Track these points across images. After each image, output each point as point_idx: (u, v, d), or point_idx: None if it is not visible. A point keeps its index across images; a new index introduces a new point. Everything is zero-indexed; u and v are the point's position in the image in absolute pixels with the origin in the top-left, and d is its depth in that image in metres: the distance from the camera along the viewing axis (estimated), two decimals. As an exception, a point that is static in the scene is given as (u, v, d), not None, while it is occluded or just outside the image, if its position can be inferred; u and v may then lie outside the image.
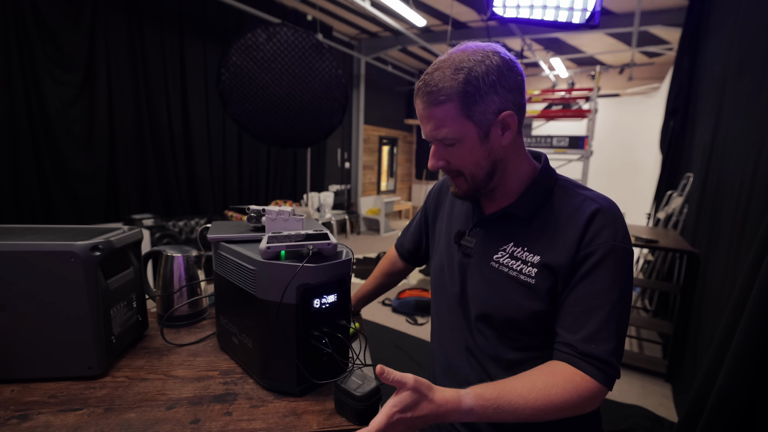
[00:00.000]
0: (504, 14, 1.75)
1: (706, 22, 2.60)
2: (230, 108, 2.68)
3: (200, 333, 0.79)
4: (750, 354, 0.85)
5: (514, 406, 0.46)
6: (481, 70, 0.49)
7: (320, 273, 0.56)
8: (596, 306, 0.49)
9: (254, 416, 0.53)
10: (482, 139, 0.52)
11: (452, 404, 0.46)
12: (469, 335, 0.61)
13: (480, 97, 0.49)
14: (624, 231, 0.51)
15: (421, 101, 0.52)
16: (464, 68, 0.49)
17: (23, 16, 2.50)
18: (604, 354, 0.48)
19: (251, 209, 0.72)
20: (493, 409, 0.46)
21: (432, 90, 0.50)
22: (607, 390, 0.49)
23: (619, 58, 5.56)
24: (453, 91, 0.49)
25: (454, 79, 0.49)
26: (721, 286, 1.46)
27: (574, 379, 0.48)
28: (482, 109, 0.50)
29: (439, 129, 0.51)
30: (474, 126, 0.51)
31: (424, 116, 0.53)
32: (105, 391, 0.58)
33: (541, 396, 0.47)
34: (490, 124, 0.51)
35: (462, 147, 0.52)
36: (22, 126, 2.56)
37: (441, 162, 0.55)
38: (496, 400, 0.46)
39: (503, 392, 0.47)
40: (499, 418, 0.46)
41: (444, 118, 0.50)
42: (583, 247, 0.50)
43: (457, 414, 0.46)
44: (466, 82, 0.48)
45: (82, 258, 0.58)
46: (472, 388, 0.48)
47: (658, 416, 1.72)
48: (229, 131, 3.97)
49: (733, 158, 1.56)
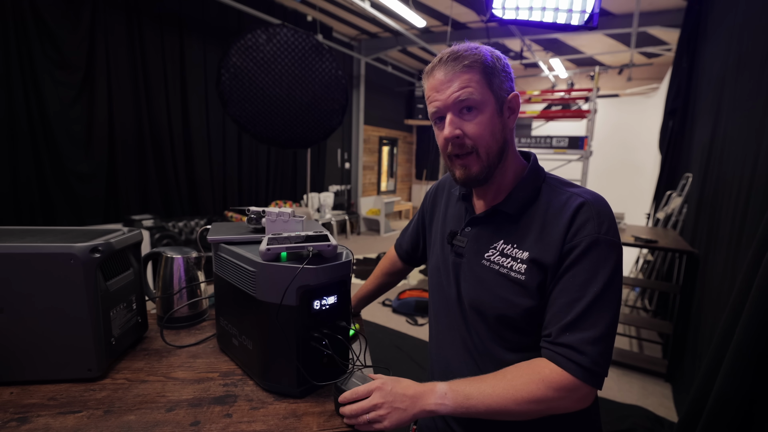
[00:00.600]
0: (503, 16, 1.76)
1: (705, 22, 2.61)
2: (230, 109, 2.68)
3: (200, 334, 0.78)
4: (749, 353, 0.85)
5: (483, 394, 0.49)
6: (493, 53, 0.55)
7: (320, 274, 0.56)
8: (577, 298, 0.49)
9: (254, 418, 0.53)
10: (498, 112, 0.55)
11: (429, 386, 0.51)
12: (467, 336, 0.61)
13: (497, 73, 0.54)
14: (609, 223, 0.51)
15: (443, 68, 0.54)
16: (480, 49, 0.54)
17: (23, 16, 2.50)
18: (578, 343, 0.47)
19: (251, 210, 0.72)
20: (464, 395, 0.49)
21: (458, 57, 0.53)
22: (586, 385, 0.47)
23: (618, 59, 5.57)
24: (478, 60, 0.53)
25: (475, 53, 0.54)
26: (721, 286, 1.46)
27: (542, 370, 0.48)
28: (499, 84, 0.55)
29: (463, 89, 0.52)
30: (493, 97, 0.54)
31: (445, 81, 0.53)
32: (104, 393, 0.58)
33: (509, 386, 0.48)
34: (503, 101, 0.55)
35: (482, 115, 0.54)
36: (21, 127, 2.56)
37: (458, 130, 0.54)
38: (467, 384, 0.50)
39: (475, 380, 0.50)
40: (471, 407, 0.48)
41: (470, 79, 0.53)
42: (567, 240, 0.51)
43: (433, 395, 0.50)
44: (488, 57, 0.54)
45: (81, 260, 0.58)
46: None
47: (658, 416, 1.72)
48: (229, 132, 3.97)
49: (731, 158, 1.56)
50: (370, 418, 0.49)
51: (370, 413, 0.49)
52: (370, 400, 0.50)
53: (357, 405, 0.50)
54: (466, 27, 4.83)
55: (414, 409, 0.49)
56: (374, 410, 0.49)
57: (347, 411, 0.51)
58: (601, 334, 0.48)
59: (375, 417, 0.49)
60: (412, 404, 0.49)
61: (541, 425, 0.55)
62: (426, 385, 0.51)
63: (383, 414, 0.49)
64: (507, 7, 1.74)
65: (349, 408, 0.50)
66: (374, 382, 0.51)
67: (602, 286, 0.49)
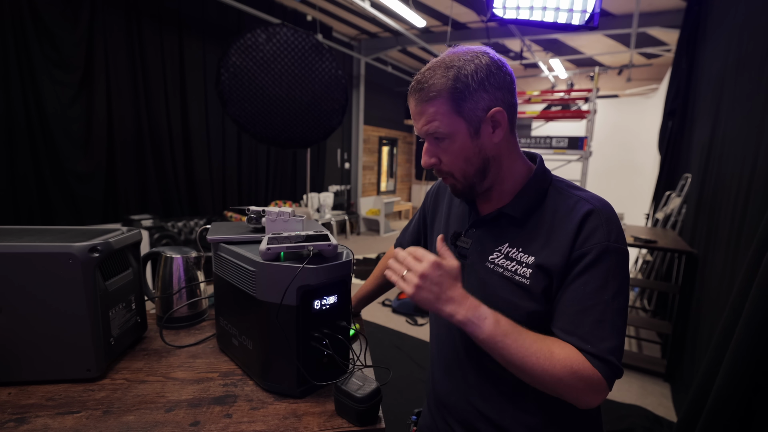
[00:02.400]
0: (504, 15, 1.76)
1: (704, 23, 2.61)
2: (230, 108, 2.67)
3: (200, 334, 0.78)
4: (749, 353, 0.85)
5: (520, 343, 0.47)
6: (470, 68, 0.51)
7: (320, 274, 0.56)
8: (590, 306, 0.49)
9: (254, 418, 0.53)
10: (473, 135, 0.53)
11: (474, 301, 0.50)
12: (468, 338, 0.61)
13: (469, 94, 0.51)
14: (618, 231, 0.52)
15: (413, 99, 0.54)
16: (454, 66, 0.51)
17: (21, 15, 2.49)
18: (602, 353, 0.48)
19: (251, 210, 0.72)
20: (503, 331, 0.48)
21: (423, 87, 0.52)
22: (607, 387, 0.48)
23: (617, 59, 5.58)
24: (443, 88, 0.51)
25: (444, 76, 0.51)
26: (720, 286, 1.46)
27: (579, 357, 0.48)
28: (471, 106, 0.52)
29: (430, 123, 0.53)
30: (464, 122, 0.53)
31: (416, 113, 0.54)
32: (103, 394, 0.58)
33: (547, 352, 0.47)
34: (480, 121, 0.53)
35: (453, 143, 0.54)
36: (19, 126, 2.55)
37: (433, 159, 0.56)
38: (508, 324, 0.48)
39: (518, 327, 0.49)
40: (502, 345, 0.47)
41: (435, 113, 0.52)
42: (576, 247, 0.51)
43: (469, 310, 0.48)
44: (455, 79, 0.51)
45: (80, 259, 0.58)
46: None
47: (658, 416, 1.72)
48: (228, 131, 3.96)
49: (730, 159, 1.57)
50: (407, 278, 0.49)
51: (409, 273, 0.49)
52: (421, 266, 0.49)
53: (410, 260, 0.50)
54: (466, 27, 4.83)
55: (443, 305, 0.49)
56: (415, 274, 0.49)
57: (400, 255, 0.51)
58: (618, 342, 0.49)
59: (410, 279, 0.49)
60: (445, 300, 0.49)
61: (546, 425, 0.55)
62: (471, 298, 0.50)
63: (417, 284, 0.48)
64: (508, 6, 1.73)
65: (402, 254, 0.51)
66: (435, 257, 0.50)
67: (614, 294, 0.49)
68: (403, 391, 1.76)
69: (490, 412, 0.58)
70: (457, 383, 0.62)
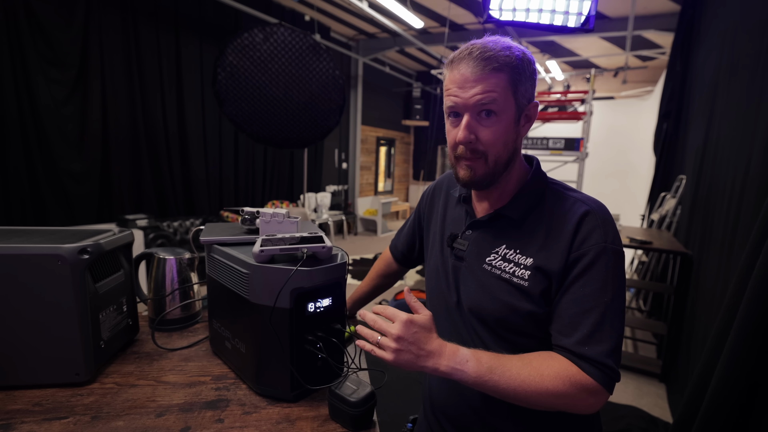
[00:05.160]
0: (500, 17, 1.76)
1: (698, 26, 2.64)
2: (226, 108, 2.66)
3: (193, 337, 0.77)
4: (744, 355, 0.85)
5: (507, 373, 0.47)
6: (525, 57, 0.52)
7: (314, 277, 0.55)
8: (589, 308, 0.49)
9: (247, 423, 0.52)
10: (516, 120, 0.53)
11: (451, 347, 0.49)
12: (468, 337, 0.61)
13: (525, 79, 0.52)
14: (614, 233, 0.52)
15: (472, 64, 0.50)
16: (512, 48, 0.51)
17: (15, 13, 2.46)
18: (600, 356, 0.48)
19: (245, 211, 0.71)
20: (487, 367, 0.47)
21: (490, 56, 0.49)
22: (606, 392, 0.48)
23: (613, 62, 5.62)
24: (508, 63, 0.50)
25: (508, 55, 0.50)
26: (714, 287, 1.47)
27: (570, 369, 0.48)
28: (523, 91, 0.52)
29: (487, 93, 0.50)
30: (515, 104, 0.52)
31: (472, 80, 0.50)
32: (92, 399, 0.56)
33: (535, 374, 0.47)
34: (523, 109, 0.53)
35: (499, 121, 0.52)
36: (13, 125, 2.52)
37: (472, 135, 0.52)
38: (491, 358, 0.48)
39: (500, 358, 0.49)
40: (491, 383, 0.47)
41: (496, 84, 0.50)
42: (574, 249, 0.51)
43: (451, 358, 0.47)
44: (520, 60, 0.51)
45: (69, 261, 0.56)
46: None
47: (653, 416, 1.73)
48: (225, 131, 3.94)
49: (725, 160, 1.58)
50: (382, 343, 0.47)
51: (383, 338, 0.47)
52: (395, 327, 0.47)
53: (380, 323, 0.48)
54: (464, 28, 4.84)
55: (424, 362, 0.47)
56: (389, 338, 0.47)
57: (368, 318, 0.50)
58: (616, 344, 0.49)
59: (385, 344, 0.47)
60: (425, 357, 0.47)
61: (545, 429, 0.55)
62: (449, 346, 0.49)
63: (394, 347, 0.46)
64: (504, 8, 1.74)
65: (371, 317, 0.50)
66: (406, 315, 0.48)
67: (612, 295, 0.49)
68: (400, 393, 1.76)
69: (488, 417, 0.57)
70: (454, 390, 0.61)
